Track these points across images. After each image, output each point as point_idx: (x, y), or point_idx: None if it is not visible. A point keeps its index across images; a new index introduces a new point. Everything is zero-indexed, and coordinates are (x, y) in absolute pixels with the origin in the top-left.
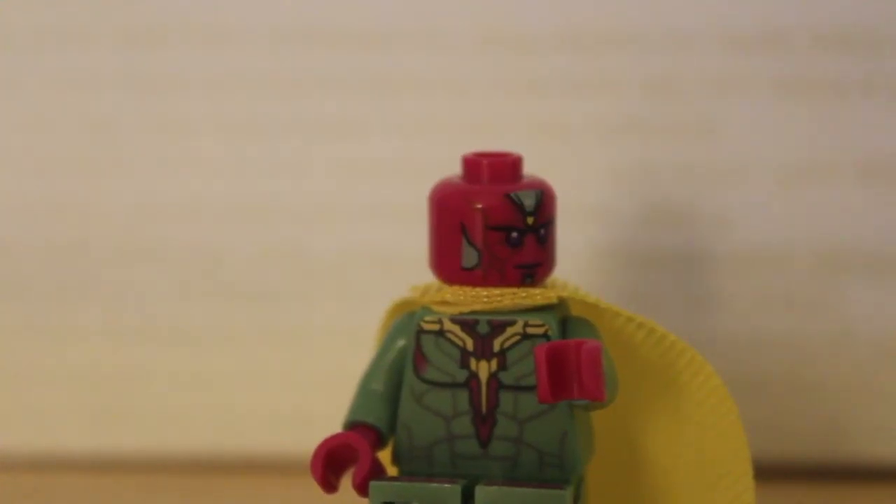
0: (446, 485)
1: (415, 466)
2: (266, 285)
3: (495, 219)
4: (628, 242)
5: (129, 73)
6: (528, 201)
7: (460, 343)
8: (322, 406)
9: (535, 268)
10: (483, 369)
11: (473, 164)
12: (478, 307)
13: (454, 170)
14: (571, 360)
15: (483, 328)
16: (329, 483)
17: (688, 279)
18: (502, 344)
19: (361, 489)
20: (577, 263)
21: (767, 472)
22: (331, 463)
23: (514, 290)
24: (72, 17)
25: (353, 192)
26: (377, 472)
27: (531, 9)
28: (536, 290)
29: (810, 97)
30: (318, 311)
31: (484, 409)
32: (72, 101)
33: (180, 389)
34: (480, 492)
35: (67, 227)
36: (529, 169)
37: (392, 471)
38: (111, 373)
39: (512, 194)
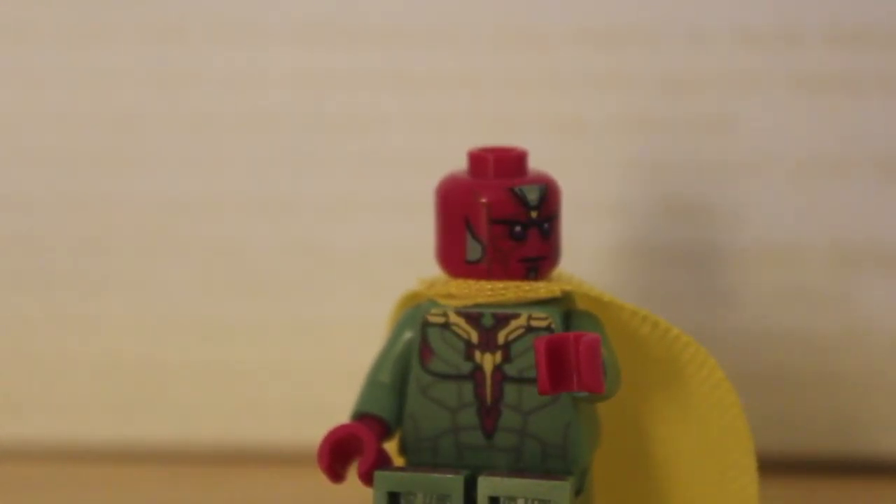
0: (449, 475)
1: (421, 457)
2: (287, 278)
3: (499, 212)
4: (644, 238)
5: (152, 69)
6: (532, 195)
7: (465, 335)
8: (342, 397)
9: (539, 261)
10: (487, 361)
11: (479, 159)
12: (482, 300)
13: None
14: (571, 353)
15: (487, 321)
16: (336, 472)
17: (703, 274)
18: (506, 336)
19: (366, 479)
20: (593, 259)
21: (781, 466)
22: (337, 453)
23: (518, 283)
24: (95, 14)
25: (374, 187)
26: (382, 462)
27: (548, 5)
28: (540, 284)
29: (826, 93)
30: (339, 303)
31: (488, 400)
32: (96, 98)
33: (202, 381)
34: (483, 482)
35: (92, 221)
36: (546, 165)
37: (399, 461)
38: (135, 364)
39: (515, 188)
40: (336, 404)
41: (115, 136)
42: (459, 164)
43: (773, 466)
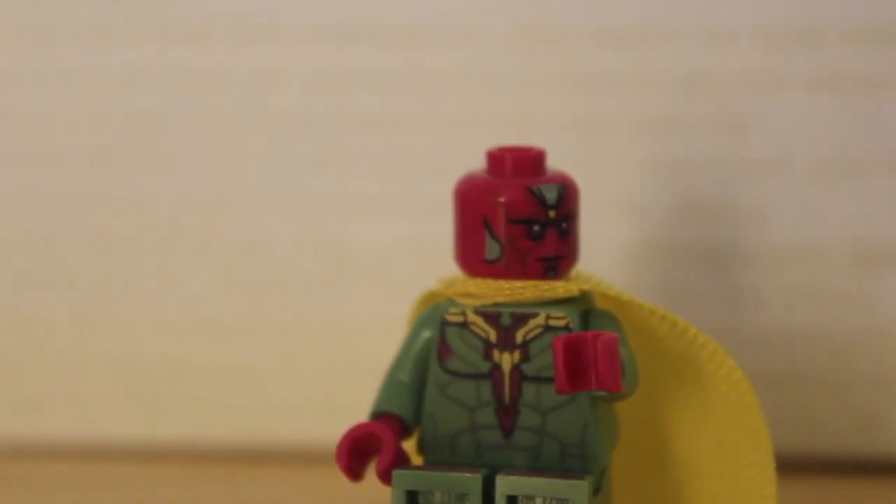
0: (467, 474)
1: (439, 456)
2: (306, 277)
3: (517, 212)
4: (663, 238)
5: (172, 69)
6: (550, 195)
7: (483, 335)
8: (360, 396)
9: (557, 261)
10: (506, 360)
11: (497, 158)
12: (500, 299)
13: None
14: (589, 352)
15: (506, 320)
16: (354, 471)
17: (722, 274)
18: (525, 336)
19: (385, 478)
20: (612, 258)
21: (800, 466)
22: (356, 452)
23: (537, 282)
24: (117, 13)
25: (392, 186)
26: (401, 461)
27: (566, 5)
28: (559, 283)
29: (844, 92)
30: (358, 302)
31: (507, 399)
32: (117, 97)
33: (221, 379)
34: (501, 481)
35: (112, 220)
36: (565, 164)
37: (417, 460)
38: (154, 362)
39: (534, 188)
40: (355, 403)
41: (134, 136)
42: (478, 163)
43: (793, 466)
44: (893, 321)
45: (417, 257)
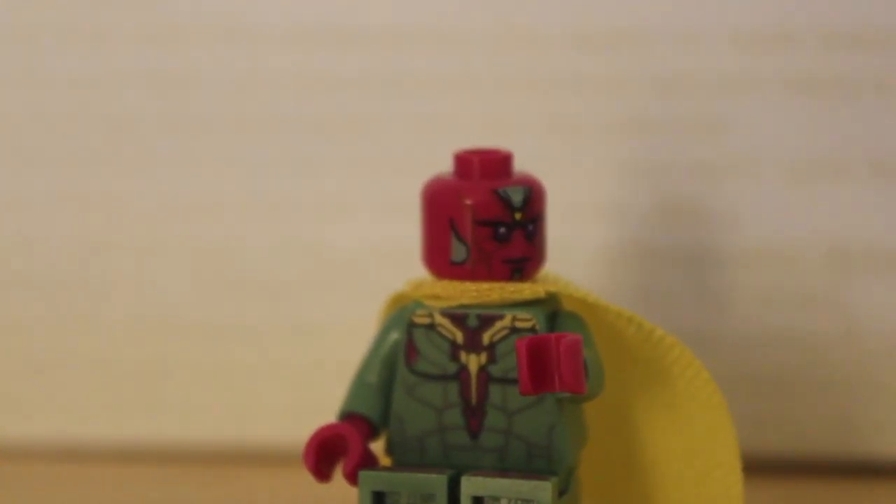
0: (433, 474)
1: (407, 457)
2: (284, 279)
3: (483, 214)
4: (639, 240)
5: (150, 71)
6: (516, 197)
7: (450, 336)
8: (338, 397)
9: (523, 262)
10: (473, 362)
11: (464, 161)
12: (467, 301)
13: None
14: (552, 353)
15: (472, 322)
16: (321, 472)
17: (698, 276)
18: (491, 337)
19: (351, 478)
20: (588, 261)
21: (774, 468)
22: (324, 452)
23: (503, 284)
24: (94, 15)
25: (369, 188)
26: (367, 462)
27: (542, 8)
28: (525, 285)
29: (821, 95)
30: (336, 304)
31: (474, 401)
32: (94, 100)
33: (200, 381)
34: (466, 482)
35: (91, 223)
36: (541, 167)
37: (386, 461)
38: (133, 364)
39: (500, 190)
40: (332, 404)
41: (113, 138)
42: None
43: (767, 467)
44: (867, 323)
45: (396, 259)
